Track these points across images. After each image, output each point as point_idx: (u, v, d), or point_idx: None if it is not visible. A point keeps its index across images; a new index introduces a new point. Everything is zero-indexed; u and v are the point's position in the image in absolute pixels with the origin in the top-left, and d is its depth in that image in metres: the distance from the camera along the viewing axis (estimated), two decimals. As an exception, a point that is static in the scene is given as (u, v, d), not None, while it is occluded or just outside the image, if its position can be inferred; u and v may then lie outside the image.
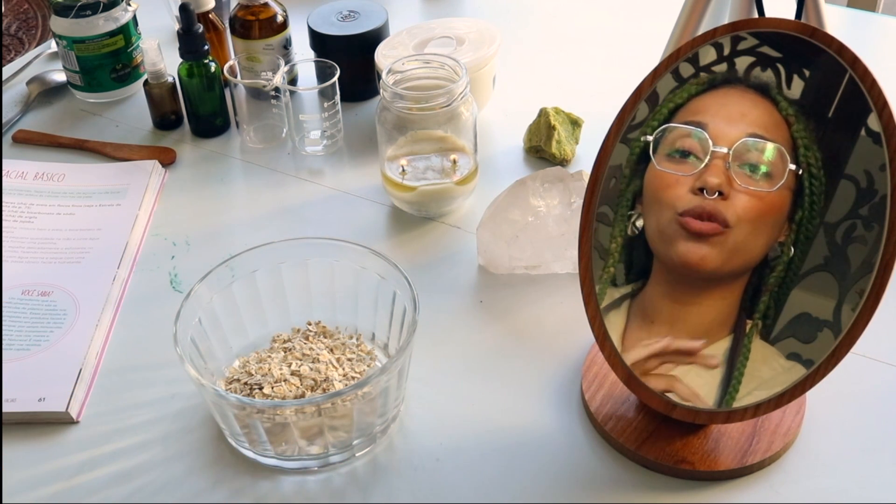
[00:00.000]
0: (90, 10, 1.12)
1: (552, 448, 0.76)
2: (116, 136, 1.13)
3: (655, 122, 0.72)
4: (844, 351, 0.67)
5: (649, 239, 0.73)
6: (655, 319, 0.73)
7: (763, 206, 0.68)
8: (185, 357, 0.73)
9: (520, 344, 0.85)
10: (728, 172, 0.69)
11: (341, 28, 1.12)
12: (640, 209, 0.73)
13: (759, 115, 0.69)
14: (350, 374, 0.78)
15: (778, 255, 0.69)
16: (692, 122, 0.70)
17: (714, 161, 0.69)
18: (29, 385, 0.81)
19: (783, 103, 0.68)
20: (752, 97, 0.69)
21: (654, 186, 0.72)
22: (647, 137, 0.72)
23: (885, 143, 0.65)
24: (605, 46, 1.24)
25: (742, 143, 0.68)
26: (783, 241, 0.69)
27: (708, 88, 0.71)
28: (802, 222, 0.68)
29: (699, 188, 0.69)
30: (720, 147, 0.69)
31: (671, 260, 0.71)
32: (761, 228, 0.69)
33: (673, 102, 0.71)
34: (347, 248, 0.82)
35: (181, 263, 0.95)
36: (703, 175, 0.69)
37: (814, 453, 0.74)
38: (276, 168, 1.07)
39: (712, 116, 0.70)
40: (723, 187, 0.69)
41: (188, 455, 0.77)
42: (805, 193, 0.68)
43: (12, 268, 0.92)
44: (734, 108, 0.69)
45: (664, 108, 0.72)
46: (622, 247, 0.74)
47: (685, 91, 0.71)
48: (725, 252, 0.69)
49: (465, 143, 0.96)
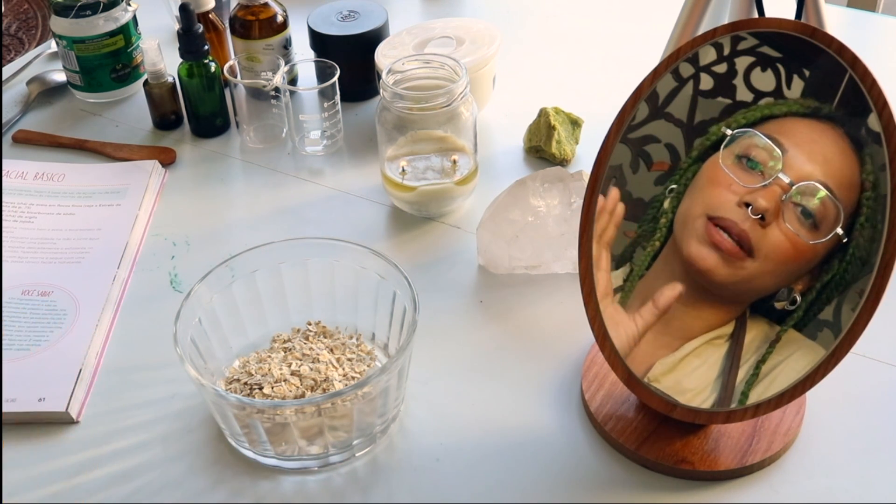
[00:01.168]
0: (90, 10, 1.12)
1: (552, 448, 0.76)
2: (116, 136, 1.13)
3: (744, 119, 0.70)
4: (844, 351, 0.67)
5: (677, 219, 0.71)
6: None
7: (793, 253, 0.67)
8: (185, 357, 0.73)
9: (520, 344, 0.85)
10: (780, 203, 0.67)
11: (341, 28, 1.12)
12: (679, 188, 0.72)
13: (841, 169, 0.66)
14: (350, 374, 0.78)
15: (785, 299, 0.68)
16: (775, 140, 0.68)
17: (773, 186, 0.67)
18: (29, 385, 0.81)
19: (868, 167, 0.65)
20: (844, 146, 0.66)
21: (707, 177, 0.70)
22: (727, 130, 0.70)
23: (885, 143, 0.65)
24: (605, 46, 1.24)
25: (808, 186, 0.66)
26: (796, 290, 0.68)
27: (809, 115, 0.68)
28: (829, 285, 0.67)
29: (746, 203, 0.68)
30: (786, 176, 0.67)
31: (682, 250, 0.71)
32: (780, 272, 0.68)
33: (770, 110, 0.69)
34: (347, 248, 0.82)
35: (181, 263, 0.95)
36: (755, 193, 0.68)
37: (814, 453, 0.74)
38: (276, 168, 1.07)
39: (797, 145, 0.67)
40: (768, 214, 0.67)
41: (188, 455, 0.77)
42: (844, 260, 0.66)
43: (12, 268, 0.92)
44: (821, 149, 0.67)
45: (758, 111, 0.69)
46: (670, 222, 0.72)
47: (787, 106, 0.69)
48: (737, 277, 0.69)
49: (465, 143, 0.96)
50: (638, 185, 0.74)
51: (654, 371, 0.72)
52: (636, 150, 0.74)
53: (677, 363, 0.72)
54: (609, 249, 0.74)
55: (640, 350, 0.73)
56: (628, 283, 0.74)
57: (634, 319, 0.72)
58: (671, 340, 0.72)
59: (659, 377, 0.72)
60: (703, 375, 0.71)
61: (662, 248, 0.73)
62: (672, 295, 0.71)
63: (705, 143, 0.71)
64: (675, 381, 0.72)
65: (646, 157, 0.74)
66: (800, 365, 0.68)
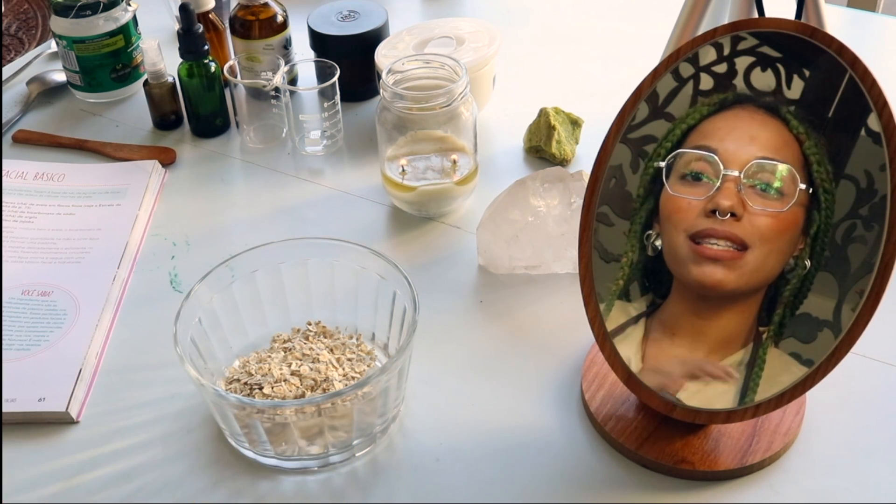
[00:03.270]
0: (90, 10, 1.12)
1: (552, 448, 0.76)
2: (116, 136, 1.13)
3: (669, 143, 0.72)
4: (844, 351, 0.67)
5: (666, 259, 0.73)
6: (677, 332, 0.73)
7: (778, 225, 0.69)
8: (185, 357, 0.73)
9: (520, 344, 0.85)
10: (740, 195, 0.69)
11: (341, 28, 1.12)
12: (658, 228, 0.73)
13: (770, 137, 0.69)
14: (350, 374, 0.78)
15: (792, 268, 0.69)
16: (703, 146, 0.71)
17: (726, 184, 0.69)
18: (29, 385, 0.81)
19: (793, 122, 0.68)
20: (761, 118, 0.69)
21: (668, 209, 0.72)
22: (660, 163, 0.72)
23: (885, 143, 0.65)
24: (605, 46, 1.24)
25: (752, 166, 0.69)
26: (798, 255, 0.69)
27: (719, 109, 0.71)
28: (818, 235, 0.68)
29: (711, 210, 0.70)
30: (731, 170, 0.69)
31: (687, 281, 0.71)
32: (778, 246, 0.69)
33: (686, 124, 0.72)
34: (347, 248, 0.82)
35: (181, 263, 0.95)
36: (714, 198, 0.70)
37: (814, 453, 0.74)
38: (276, 168, 1.07)
39: (722, 140, 0.70)
40: (735, 209, 0.69)
41: (188, 455, 0.77)
42: (820, 208, 0.68)
43: (12, 268, 0.92)
44: (744, 131, 0.70)
45: (677, 130, 0.72)
46: (633, 263, 0.74)
47: (697, 112, 0.71)
48: (745, 273, 0.69)
49: (465, 143, 0.96)
50: (638, 185, 0.74)
51: (684, 393, 0.72)
52: (636, 150, 0.74)
53: (706, 385, 0.72)
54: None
55: (673, 371, 0.73)
56: (629, 321, 0.74)
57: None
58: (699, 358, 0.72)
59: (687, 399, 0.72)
60: (730, 400, 0.71)
61: (627, 286, 0.74)
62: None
63: (645, 179, 0.73)
64: (703, 404, 0.72)
65: (646, 157, 0.74)
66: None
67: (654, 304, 0.74)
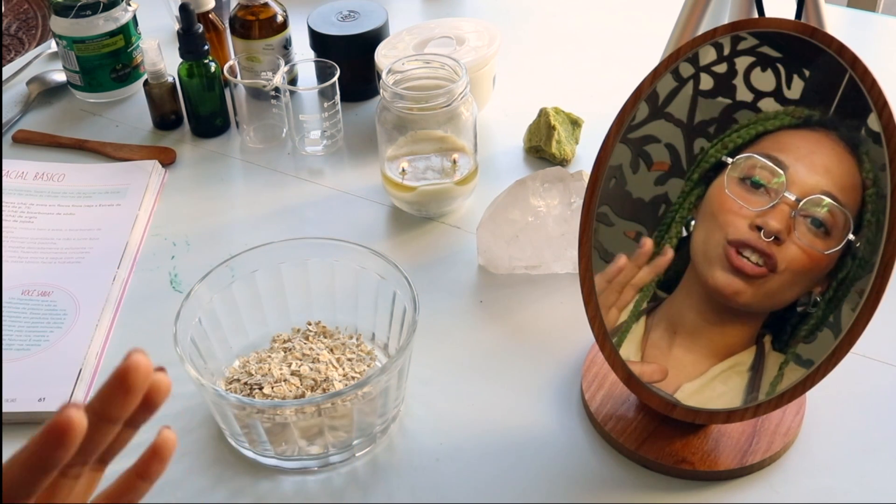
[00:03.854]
0: (90, 10, 1.12)
1: (552, 448, 0.76)
2: (116, 136, 1.13)
3: (740, 139, 0.70)
4: (844, 351, 0.67)
5: (694, 250, 0.72)
6: (679, 330, 0.73)
7: (810, 264, 0.68)
8: (185, 357, 0.73)
9: (520, 344, 0.85)
10: (791, 221, 0.68)
11: (341, 28, 1.12)
12: (695, 214, 0.72)
13: (842, 175, 0.67)
14: (350, 374, 0.78)
15: (805, 304, 0.69)
16: (775, 159, 0.69)
17: (781, 206, 0.68)
18: (29, 385, 0.81)
19: (867, 165, 0.66)
20: (840, 151, 0.67)
21: (716, 204, 0.71)
22: (727, 159, 0.70)
23: (885, 143, 0.65)
24: (605, 46, 1.24)
25: (814, 199, 0.67)
26: (815, 293, 0.68)
27: (802, 125, 0.69)
28: (844, 282, 0.67)
29: (757, 226, 0.68)
30: (791, 194, 0.67)
31: (706, 280, 0.71)
32: (801, 280, 0.68)
33: (763, 127, 0.70)
34: (347, 248, 0.82)
35: (181, 263, 0.95)
36: (766, 216, 0.68)
37: (814, 453, 0.74)
38: (276, 168, 1.07)
39: (796, 160, 0.68)
40: (781, 234, 0.68)
41: (188, 455, 0.77)
42: (856, 257, 0.67)
43: (12, 268, 0.92)
44: (820, 160, 0.67)
45: (752, 129, 0.70)
46: (675, 248, 0.73)
47: (779, 120, 0.69)
48: (761, 294, 0.69)
49: (465, 143, 0.96)
50: (638, 185, 0.74)
51: (681, 393, 0.72)
52: (636, 150, 0.74)
53: (703, 387, 0.72)
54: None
55: (669, 370, 0.73)
56: (630, 318, 0.74)
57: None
58: (697, 359, 0.72)
59: (684, 399, 0.72)
60: (728, 401, 0.71)
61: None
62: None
63: (704, 167, 0.72)
64: (701, 404, 0.72)
65: (646, 157, 0.74)
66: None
67: (656, 297, 0.74)
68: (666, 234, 0.73)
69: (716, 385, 0.72)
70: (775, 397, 0.69)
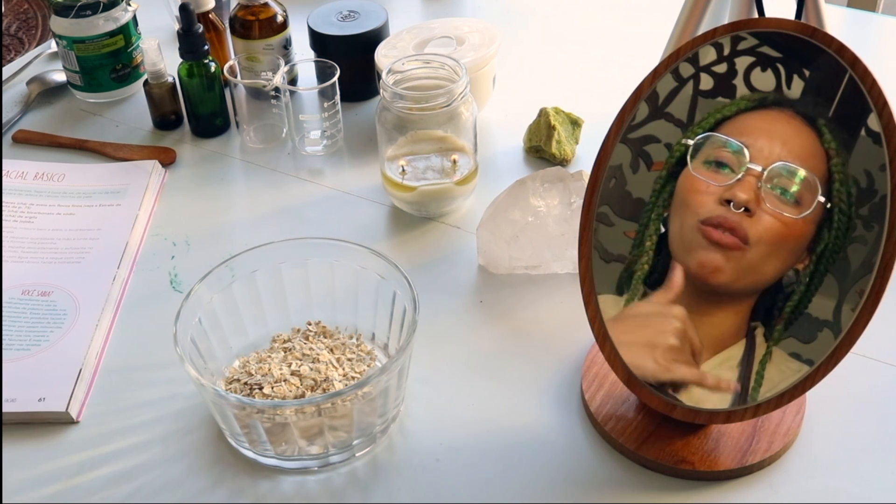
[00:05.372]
0: (90, 10, 1.12)
1: (552, 448, 0.76)
2: (116, 136, 1.13)
3: (700, 129, 0.72)
4: (844, 351, 0.67)
5: (671, 243, 0.73)
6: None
7: (785, 231, 0.68)
8: (185, 357, 0.73)
9: (520, 344, 0.85)
10: (758, 191, 0.69)
11: (341, 28, 1.12)
12: (668, 212, 0.73)
13: (801, 144, 0.68)
14: (350, 374, 0.78)
15: (792, 283, 0.69)
16: (736, 138, 0.70)
17: (747, 177, 0.69)
18: (29, 385, 0.81)
19: (827, 135, 0.68)
20: (798, 124, 0.69)
21: (685, 189, 0.72)
22: (688, 141, 0.72)
23: (885, 143, 0.65)
24: (605, 46, 1.24)
25: (777, 166, 0.68)
26: (800, 270, 0.69)
27: (758, 107, 0.70)
28: (824, 254, 0.68)
29: (726, 200, 0.69)
30: (755, 165, 0.69)
31: (688, 267, 0.71)
32: (778, 252, 0.69)
33: (721, 114, 0.71)
34: (347, 248, 0.82)
35: (181, 263, 0.95)
36: (733, 188, 0.69)
37: (814, 453, 0.74)
38: (276, 168, 1.07)
39: (755, 136, 0.70)
40: (750, 204, 0.69)
41: (188, 455, 0.77)
42: (832, 227, 0.68)
43: (12, 268, 0.92)
44: (777, 134, 0.69)
45: (711, 118, 0.71)
46: (655, 245, 0.73)
47: (735, 105, 0.71)
48: (739, 269, 0.69)
49: (465, 143, 0.96)
50: (638, 185, 0.74)
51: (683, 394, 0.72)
52: (636, 150, 0.74)
53: (695, 385, 0.72)
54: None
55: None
56: (626, 310, 0.74)
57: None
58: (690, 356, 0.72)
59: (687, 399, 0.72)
60: (720, 398, 0.71)
61: (652, 271, 0.73)
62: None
63: (671, 161, 0.73)
64: (694, 401, 0.72)
65: (646, 157, 0.74)
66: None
67: (644, 295, 0.73)
68: (645, 231, 0.73)
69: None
70: (775, 397, 0.69)
